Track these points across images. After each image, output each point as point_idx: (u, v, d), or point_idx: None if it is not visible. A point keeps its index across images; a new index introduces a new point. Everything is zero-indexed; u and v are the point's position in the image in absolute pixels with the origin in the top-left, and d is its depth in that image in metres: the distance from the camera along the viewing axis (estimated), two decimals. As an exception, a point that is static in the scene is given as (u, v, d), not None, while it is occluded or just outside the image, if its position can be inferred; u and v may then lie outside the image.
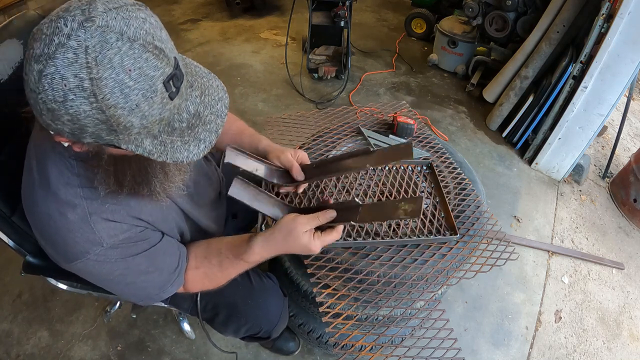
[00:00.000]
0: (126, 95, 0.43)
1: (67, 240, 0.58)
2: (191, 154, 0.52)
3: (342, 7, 2.49)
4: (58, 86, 0.41)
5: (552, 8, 2.18)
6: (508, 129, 2.36)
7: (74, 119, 0.43)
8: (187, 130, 0.51)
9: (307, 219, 0.72)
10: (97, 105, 0.42)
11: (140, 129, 0.47)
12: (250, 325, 0.93)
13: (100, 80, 0.41)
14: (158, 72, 0.45)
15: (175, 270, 0.70)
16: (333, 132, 1.22)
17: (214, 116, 0.53)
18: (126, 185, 0.57)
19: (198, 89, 0.53)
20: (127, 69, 0.42)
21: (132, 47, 0.42)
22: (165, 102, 0.47)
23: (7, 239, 0.78)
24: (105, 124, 0.44)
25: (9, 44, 0.76)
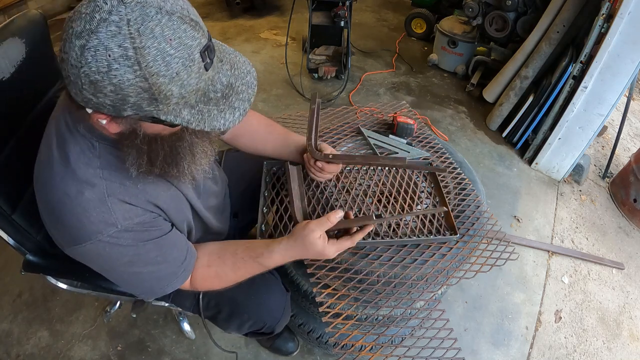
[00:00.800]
0: (167, 63, 0.45)
1: (82, 219, 0.58)
2: (227, 121, 0.54)
3: (342, 7, 2.49)
4: (102, 57, 0.43)
5: (552, 8, 2.18)
6: (508, 129, 2.36)
7: (117, 88, 0.45)
8: (222, 100, 0.54)
9: (316, 224, 0.73)
10: (140, 72, 0.44)
11: (178, 98, 0.49)
12: (254, 320, 0.94)
13: (144, 49, 0.44)
14: (195, 42, 0.48)
15: (182, 263, 0.71)
16: (333, 132, 1.22)
17: (245, 87, 0.56)
18: (158, 165, 0.59)
19: (227, 63, 0.56)
20: (168, 39, 0.45)
21: (171, 19, 0.45)
22: (201, 72, 0.50)
23: (7, 237, 0.78)
24: (147, 92, 0.46)
25: (11, 42, 0.76)
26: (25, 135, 0.79)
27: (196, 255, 0.75)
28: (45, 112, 0.83)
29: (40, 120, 0.80)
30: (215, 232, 0.88)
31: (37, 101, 0.84)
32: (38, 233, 0.81)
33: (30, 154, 0.72)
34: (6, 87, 0.74)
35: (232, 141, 0.97)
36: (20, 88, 0.78)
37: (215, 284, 0.77)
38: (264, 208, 0.95)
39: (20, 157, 0.77)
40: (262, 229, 0.92)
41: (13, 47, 0.76)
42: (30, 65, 0.80)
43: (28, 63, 0.79)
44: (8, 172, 0.75)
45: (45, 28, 0.87)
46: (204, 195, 0.82)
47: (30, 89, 0.83)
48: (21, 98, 0.80)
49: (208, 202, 0.84)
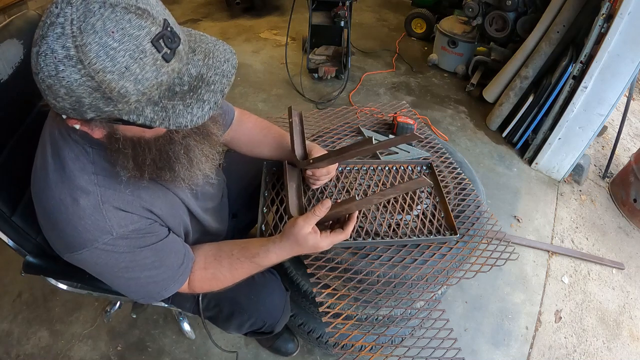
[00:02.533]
0: (112, 57, 0.43)
1: (77, 227, 0.57)
2: (195, 117, 0.50)
3: (342, 7, 2.49)
4: (50, 60, 0.43)
5: (552, 8, 2.18)
6: (508, 129, 2.36)
7: (69, 90, 0.44)
8: (188, 93, 0.50)
9: (303, 219, 0.71)
10: (85, 71, 0.43)
11: (138, 95, 0.46)
12: (254, 320, 0.94)
13: (85, 46, 0.42)
14: (143, 32, 0.44)
15: (179, 267, 0.70)
16: (333, 132, 1.22)
17: (218, 77, 0.51)
18: (147, 169, 0.58)
19: (201, 53, 0.52)
20: (110, 32, 0.43)
21: (115, 11, 0.43)
22: (159, 64, 0.46)
23: (7, 238, 0.78)
24: (99, 92, 0.44)
25: (9, 43, 0.76)
26: (24, 136, 0.79)
27: (193, 259, 0.75)
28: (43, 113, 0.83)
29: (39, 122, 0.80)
30: (213, 233, 0.88)
31: (35, 103, 0.84)
32: (38, 235, 0.81)
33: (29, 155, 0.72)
34: (4, 89, 0.74)
35: (230, 144, 0.97)
36: (19, 90, 0.78)
37: (213, 285, 0.77)
38: (263, 208, 0.95)
39: (19, 158, 0.77)
40: (262, 229, 0.92)
41: (11, 49, 0.76)
42: (29, 66, 0.79)
43: (26, 64, 0.78)
44: (7, 174, 0.75)
45: (45, 28, 0.86)
46: (202, 197, 0.81)
47: (28, 90, 0.82)
48: (19, 100, 0.80)
49: (205, 204, 0.83)
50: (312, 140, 1.19)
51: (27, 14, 0.84)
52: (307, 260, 0.87)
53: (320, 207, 0.71)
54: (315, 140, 1.19)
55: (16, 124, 0.79)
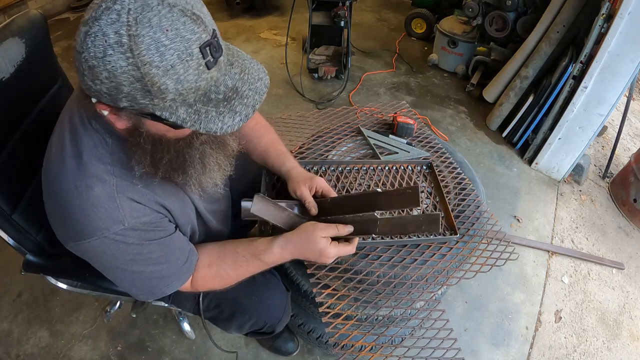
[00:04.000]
0: (162, 53, 0.45)
1: (89, 214, 0.57)
2: (225, 125, 0.52)
3: (342, 7, 2.49)
4: (99, 42, 0.44)
5: (552, 8, 2.18)
6: (508, 129, 2.36)
7: (111, 75, 0.45)
8: (222, 102, 0.52)
9: (326, 226, 0.75)
10: (133, 61, 0.44)
11: (175, 94, 0.48)
12: (255, 320, 0.94)
13: (138, 37, 0.44)
14: (194, 36, 0.46)
15: (183, 265, 0.71)
16: (333, 132, 1.22)
17: (252, 92, 0.54)
18: (161, 168, 0.59)
19: (238, 67, 0.54)
20: (165, 29, 0.45)
21: (172, 11, 0.45)
22: (201, 69, 0.48)
23: (7, 237, 0.78)
24: (140, 82, 0.46)
25: (10, 42, 0.76)
26: (25, 135, 0.79)
27: (197, 257, 0.75)
28: (45, 112, 0.84)
29: (40, 120, 0.81)
30: (216, 234, 0.88)
31: (36, 101, 0.84)
32: (38, 233, 0.81)
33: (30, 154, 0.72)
34: (6, 87, 0.74)
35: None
36: (20, 88, 0.78)
37: (216, 283, 0.77)
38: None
39: (20, 157, 0.77)
40: (262, 229, 0.92)
41: (13, 47, 0.76)
42: (30, 65, 0.80)
43: (28, 63, 0.79)
44: (8, 172, 0.75)
45: (45, 28, 0.87)
46: (209, 200, 0.82)
47: (30, 89, 0.83)
48: (21, 98, 0.80)
49: (212, 206, 0.84)
50: (312, 141, 1.19)
51: (29, 12, 0.84)
52: (307, 260, 0.86)
53: (343, 227, 0.75)
54: (315, 141, 1.18)
55: (17, 123, 0.79)
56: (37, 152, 0.66)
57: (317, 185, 0.87)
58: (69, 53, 2.82)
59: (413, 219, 0.78)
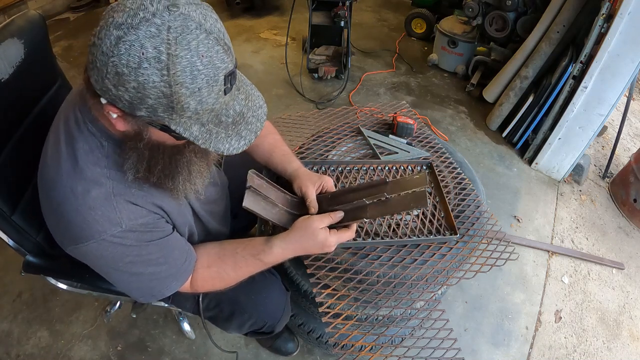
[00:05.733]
0: (194, 77, 0.47)
1: (86, 218, 0.58)
2: (232, 147, 0.56)
3: (342, 7, 2.48)
4: (135, 53, 0.45)
5: (552, 8, 2.18)
6: (508, 129, 2.36)
7: (140, 87, 0.46)
8: (231, 126, 0.56)
9: (319, 217, 0.76)
10: (167, 79, 0.46)
11: (193, 113, 0.50)
12: (254, 320, 0.94)
13: (177, 57, 0.45)
14: (224, 65, 0.50)
15: (182, 265, 0.71)
16: (333, 132, 1.22)
17: (254, 119, 0.58)
18: (155, 174, 0.59)
19: (243, 93, 0.58)
20: (201, 55, 0.47)
21: (208, 38, 0.48)
22: (219, 94, 0.51)
23: (7, 238, 0.78)
24: (167, 99, 0.48)
25: (9, 43, 0.76)
26: (24, 136, 0.79)
27: (196, 257, 0.75)
28: (44, 113, 0.84)
29: (40, 121, 0.81)
30: (215, 234, 0.88)
31: (36, 102, 0.84)
32: (38, 234, 0.81)
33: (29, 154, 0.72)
34: (5, 88, 0.74)
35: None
36: (19, 89, 0.78)
37: (216, 284, 0.77)
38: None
39: (19, 158, 0.77)
40: (262, 229, 0.92)
41: (12, 48, 0.76)
42: (29, 66, 0.80)
43: (27, 64, 0.79)
44: (7, 173, 0.75)
45: (44, 29, 0.86)
46: (206, 200, 0.82)
47: (29, 89, 0.82)
48: (20, 99, 0.80)
49: (210, 206, 0.84)
50: (312, 141, 1.19)
51: (28, 13, 0.84)
52: (307, 260, 0.86)
53: (335, 214, 0.77)
54: (315, 141, 1.18)
55: (16, 124, 0.79)
56: (36, 152, 0.66)
57: (325, 184, 0.87)
58: (68, 53, 2.82)
59: (400, 198, 0.78)
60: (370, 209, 0.77)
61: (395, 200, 0.78)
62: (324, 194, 0.86)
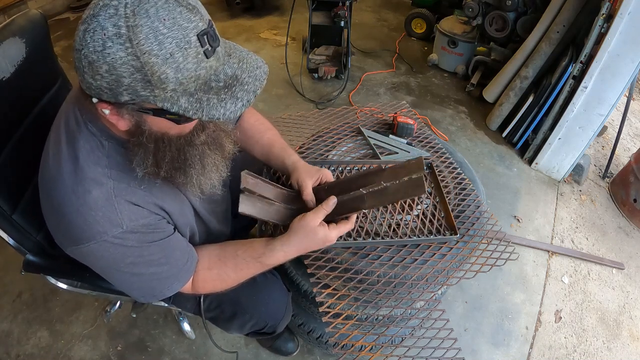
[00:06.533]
0: (160, 42, 0.46)
1: (87, 218, 0.57)
2: (228, 111, 0.52)
3: (342, 7, 2.48)
4: (98, 36, 0.45)
5: (552, 8, 2.18)
6: (508, 129, 2.36)
7: (111, 68, 0.46)
8: (223, 89, 0.52)
9: (313, 214, 0.74)
10: (132, 50, 0.45)
11: (175, 84, 0.48)
12: (256, 320, 0.94)
13: (136, 27, 0.45)
14: (191, 25, 0.48)
15: (183, 266, 0.71)
16: (333, 132, 1.22)
17: (252, 79, 0.54)
18: (164, 167, 0.59)
19: (236, 57, 0.55)
20: (162, 18, 0.46)
21: (167, 2, 0.46)
22: (200, 57, 0.49)
23: (7, 237, 0.78)
24: (140, 73, 0.46)
25: (11, 42, 0.76)
26: (25, 135, 0.79)
27: (197, 258, 0.75)
28: (45, 112, 0.84)
29: (41, 120, 0.81)
30: (216, 234, 0.88)
31: (37, 101, 0.84)
32: (38, 233, 0.81)
33: (30, 154, 0.72)
34: (6, 87, 0.74)
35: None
36: (20, 88, 0.78)
37: (217, 286, 0.77)
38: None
39: (20, 157, 0.77)
40: (262, 229, 0.92)
41: (13, 47, 0.76)
42: (30, 65, 0.80)
43: (28, 63, 0.79)
44: (8, 172, 0.75)
45: (46, 28, 0.87)
46: (208, 200, 0.81)
47: (30, 89, 0.83)
48: (21, 98, 0.80)
49: (212, 206, 0.84)
50: (312, 141, 1.19)
51: (29, 12, 0.84)
52: (307, 260, 0.87)
53: (327, 203, 0.74)
54: (315, 141, 1.18)
55: (17, 123, 0.79)
56: (37, 152, 0.66)
57: (324, 178, 0.86)
58: (68, 53, 2.82)
59: (398, 185, 0.77)
60: (369, 199, 0.76)
61: (392, 187, 0.77)
62: (321, 185, 0.86)
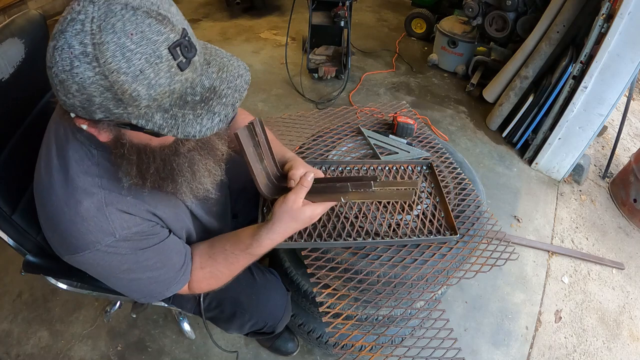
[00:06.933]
0: (128, 59, 0.43)
1: (80, 228, 0.57)
2: (204, 127, 0.50)
3: (342, 7, 2.49)
4: (65, 55, 0.43)
5: (552, 8, 2.18)
6: (508, 129, 2.36)
7: (81, 87, 0.44)
8: (200, 104, 0.50)
9: (294, 194, 0.70)
10: (99, 70, 0.43)
11: (149, 100, 0.46)
12: (255, 320, 0.94)
13: (102, 44, 0.42)
14: (162, 37, 0.44)
15: (181, 268, 0.70)
16: (333, 132, 1.22)
17: (231, 90, 0.51)
18: (149, 178, 0.57)
19: (215, 66, 0.52)
20: (129, 33, 0.43)
21: (135, 14, 0.43)
22: (173, 71, 0.46)
23: (7, 237, 0.78)
24: (110, 92, 0.44)
25: (10, 42, 0.76)
26: (25, 135, 0.79)
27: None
28: (44, 112, 0.83)
29: (40, 121, 0.81)
30: (216, 234, 0.88)
31: (36, 102, 0.84)
32: (38, 234, 0.81)
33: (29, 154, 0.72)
34: (5, 88, 0.74)
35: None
36: (20, 88, 0.78)
37: (212, 284, 0.77)
38: (263, 208, 0.95)
39: (20, 157, 0.77)
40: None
41: (12, 48, 0.76)
42: (30, 65, 0.80)
43: (27, 63, 0.79)
44: (8, 173, 0.75)
45: (45, 28, 0.86)
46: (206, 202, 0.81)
47: (29, 89, 0.82)
48: (21, 99, 0.80)
49: (209, 207, 0.83)
50: (312, 141, 1.19)
51: (29, 13, 0.84)
52: (307, 260, 0.87)
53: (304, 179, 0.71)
54: (315, 141, 1.18)
55: (17, 123, 0.79)
56: (36, 152, 0.66)
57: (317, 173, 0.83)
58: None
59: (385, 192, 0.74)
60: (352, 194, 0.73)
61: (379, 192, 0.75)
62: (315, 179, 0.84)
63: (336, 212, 0.93)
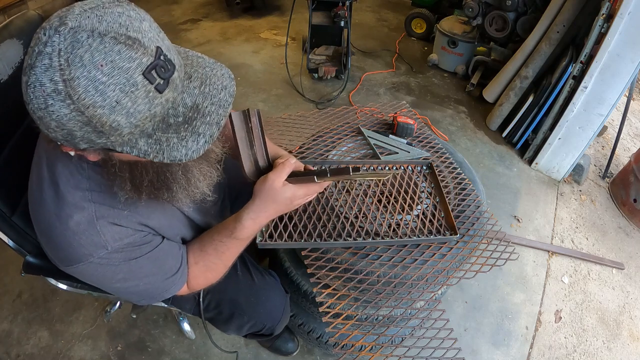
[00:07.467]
0: (102, 92, 0.41)
1: (72, 242, 0.57)
2: (190, 151, 0.48)
3: (342, 7, 2.49)
4: (39, 93, 0.41)
5: (552, 8, 2.18)
6: (508, 129, 2.36)
7: (60, 124, 0.43)
8: (183, 125, 0.48)
9: (275, 173, 0.69)
10: (74, 106, 0.41)
11: (130, 128, 0.44)
12: (254, 322, 0.93)
13: (73, 80, 0.40)
14: (134, 64, 0.42)
15: (177, 271, 0.70)
16: (333, 132, 1.22)
17: (215, 107, 0.49)
18: (144, 191, 0.57)
19: (197, 79, 0.50)
20: (99, 65, 0.40)
21: (103, 42, 0.41)
22: (152, 95, 0.44)
23: (7, 239, 0.78)
24: (89, 126, 0.43)
25: (9, 44, 0.76)
26: (24, 137, 0.79)
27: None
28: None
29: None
30: None
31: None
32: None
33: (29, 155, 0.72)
34: (5, 89, 0.74)
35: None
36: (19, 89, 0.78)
37: (209, 277, 0.76)
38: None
39: (19, 158, 0.77)
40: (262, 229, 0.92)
41: (11, 49, 0.76)
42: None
43: (27, 64, 0.79)
44: (7, 174, 0.75)
45: (45, 29, 0.86)
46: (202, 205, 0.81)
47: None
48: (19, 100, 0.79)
49: (207, 209, 0.83)
50: (312, 141, 1.19)
51: (27, 13, 0.84)
52: (307, 260, 0.87)
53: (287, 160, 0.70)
54: (315, 141, 1.19)
55: (16, 124, 0.79)
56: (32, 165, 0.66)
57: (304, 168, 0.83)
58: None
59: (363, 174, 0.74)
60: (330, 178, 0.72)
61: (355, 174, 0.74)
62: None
63: (336, 212, 0.94)
